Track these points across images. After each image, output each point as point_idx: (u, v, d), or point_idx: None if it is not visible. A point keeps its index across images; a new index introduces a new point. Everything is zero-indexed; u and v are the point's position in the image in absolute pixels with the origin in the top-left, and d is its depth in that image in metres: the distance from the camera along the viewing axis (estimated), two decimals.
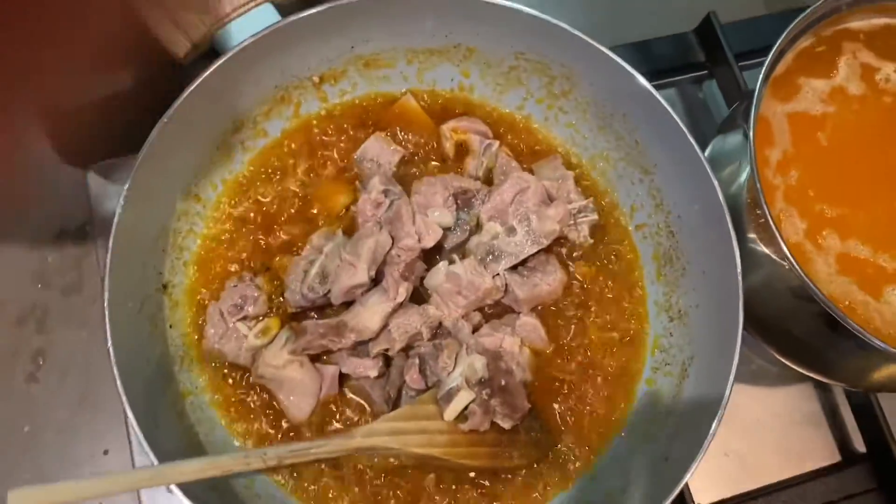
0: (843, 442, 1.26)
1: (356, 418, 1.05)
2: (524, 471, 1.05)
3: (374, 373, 1.05)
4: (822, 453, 1.25)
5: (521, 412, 1.03)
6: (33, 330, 1.21)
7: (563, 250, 1.15)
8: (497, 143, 1.17)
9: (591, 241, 1.15)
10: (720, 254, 1.02)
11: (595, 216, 1.15)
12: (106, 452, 1.16)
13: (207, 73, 1.00)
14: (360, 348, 1.07)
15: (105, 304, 0.91)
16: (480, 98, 1.21)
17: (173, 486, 0.88)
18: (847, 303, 0.97)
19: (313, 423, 1.05)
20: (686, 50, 1.40)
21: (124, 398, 0.89)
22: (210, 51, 1.12)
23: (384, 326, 1.05)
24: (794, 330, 1.05)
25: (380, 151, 1.16)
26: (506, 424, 1.02)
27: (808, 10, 0.99)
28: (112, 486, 0.79)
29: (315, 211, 1.14)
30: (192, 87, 0.99)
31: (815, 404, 1.28)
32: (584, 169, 1.20)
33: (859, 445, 1.25)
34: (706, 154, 1.08)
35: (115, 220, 0.95)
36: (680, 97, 1.41)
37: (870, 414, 1.21)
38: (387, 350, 1.05)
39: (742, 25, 1.42)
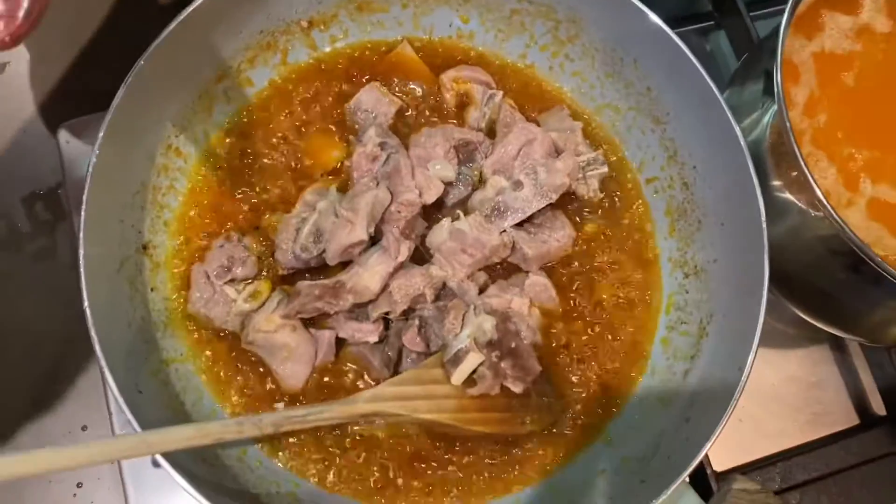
0: (861, 405, 1.22)
1: (355, 386, 0.98)
2: (535, 436, 0.99)
3: (374, 338, 0.98)
4: (840, 417, 1.21)
5: (532, 375, 0.97)
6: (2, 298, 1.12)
7: (571, 205, 1.09)
8: (500, 93, 1.10)
9: (601, 195, 1.09)
10: (740, 203, 0.96)
11: (605, 169, 1.08)
12: (84, 428, 1.08)
13: (187, 12, 0.92)
14: (358, 312, 1.00)
15: (80, 259, 0.83)
16: (481, 46, 1.14)
17: (159, 457, 0.80)
18: (879, 251, 0.91)
19: (309, 392, 0.98)
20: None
21: (102, 361, 0.81)
22: None
23: (384, 288, 0.98)
24: (818, 282, 1.00)
25: (375, 103, 1.08)
26: (517, 388, 0.96)
27: None
28: (91, 455, 0.71)
29: (307, 166, 1.06)
30: (171, 27, 0.91)
31: (832, 367, 1.23)
32: (592, 120, 1.13)
33: (878, 408, 1.20)
34: None
35: (90, 169, 0.86)
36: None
37: (890, 375, 1.16)
38: (387, 313, 0.98)
39: None
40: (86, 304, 0.83)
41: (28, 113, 1.19)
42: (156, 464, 1.00)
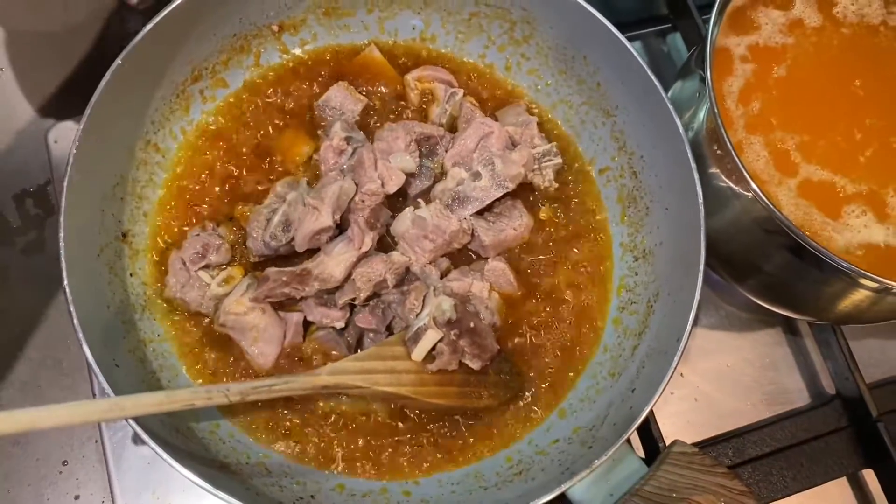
0: (813, 385, 1.26)
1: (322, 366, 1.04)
2: (493, 411, 1.05)
3: (340, 324, 1.04)
4: (793, 396, 1.26)
5: (490, 353, 1.02)
6: None
7: (529, 196, 1.15)
8: (461, 91, 1.17)
9: (557, 185, 1.15)
10: (682, 187, 1.02)
11: (559, 160, 1.14)
12: None
13: (162, 15, 0.99)
14: (327, 298, 1.06)
15: (61, 242, 0.90)
16: (443, 48, 1.21)
17: (139, 429, 0.86)
18: (808, 228, 0.97)
19: (278, 371, 1.04)
20: (650, 2, 1.41)
21: (80, 334, 0.87)
22: None
23: (349, 276, 1.04)
24: (761, 264, 1.05)
25: (342, 100, 1.15)
26: (475, 365, 1.01)
27: None
28: (69, 416, 0.77)
29: (278, 161, 1.13)
30: (147, 29, 0.99)
31: (785, 349, 1.28)
32: (548, 116, 1.20)
33: (829, 388, 1.25)
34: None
35: (70, 161, 0.93)
36: (644, 50, 1.41)
37: (837, 353, 1.21)
38: (353, 300, 1.04)
39: None
40: (65, 282, 0.89)
41: (19, 116, 1.26)
42: (136, 441, 1.07)
